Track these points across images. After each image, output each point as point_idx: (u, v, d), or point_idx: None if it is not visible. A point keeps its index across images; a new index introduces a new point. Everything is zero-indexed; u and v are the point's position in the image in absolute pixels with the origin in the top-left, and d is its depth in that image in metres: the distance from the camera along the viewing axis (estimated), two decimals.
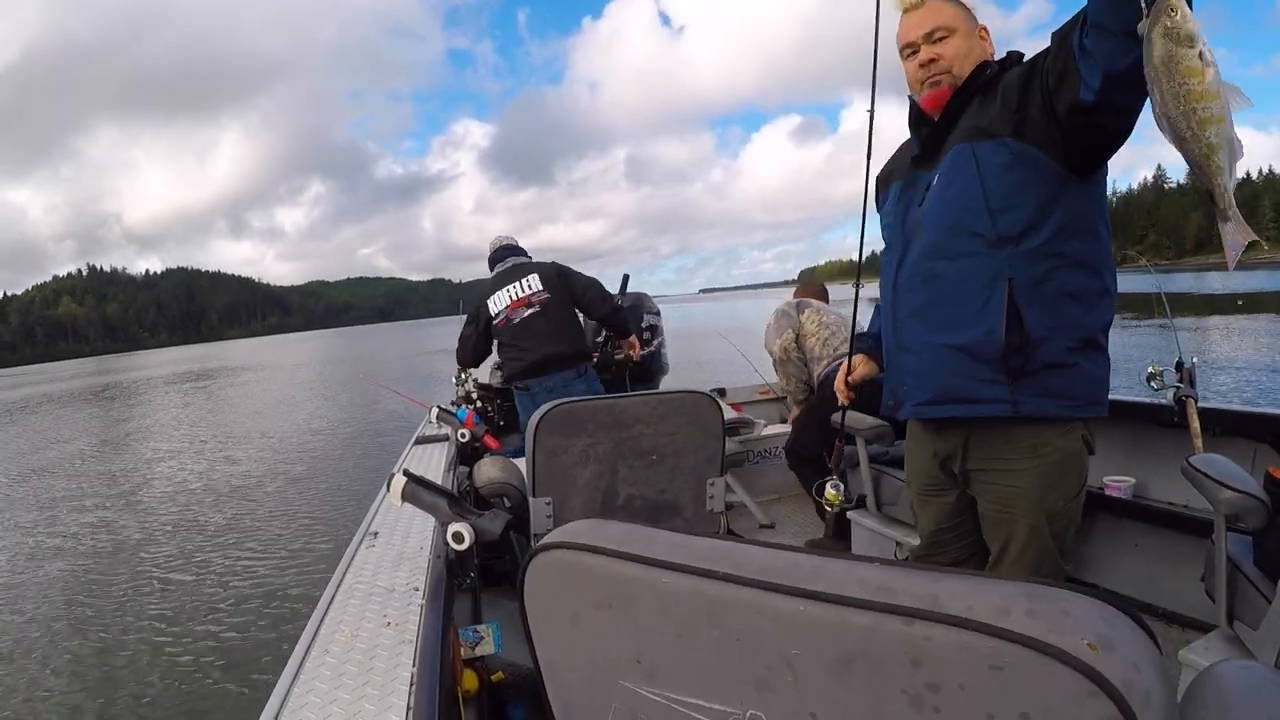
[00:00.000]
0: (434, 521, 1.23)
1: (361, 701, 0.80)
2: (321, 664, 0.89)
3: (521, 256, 3.41)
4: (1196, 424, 2.10)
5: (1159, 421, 2.26)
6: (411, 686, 0.83)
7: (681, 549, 0.50)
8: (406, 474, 1.16)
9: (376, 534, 1.40)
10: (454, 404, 3.56)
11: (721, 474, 1.94)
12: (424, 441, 2.46)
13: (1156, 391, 2.19)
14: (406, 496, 1.15)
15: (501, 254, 3.41)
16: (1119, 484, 2.35)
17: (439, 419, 2.42)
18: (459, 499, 1.17)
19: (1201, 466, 1.52)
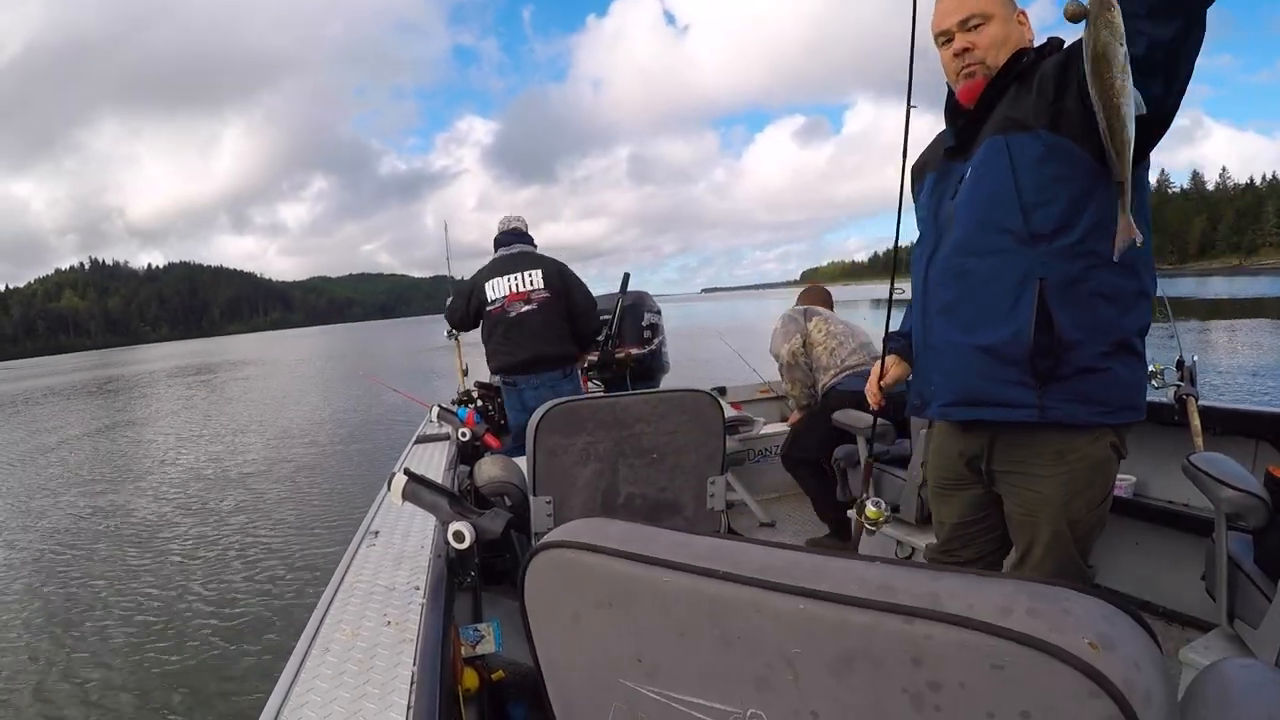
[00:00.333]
0: (434, 520, 1.23)
1: (362, 700, 0.80)
2: (322, 663, 0.89)
3: (528, 245, 3.38)
4: (1197, 422, 2.10)
5: (1159, 420, 2.26)
6: (412, 685, 0.83)
7: (682, 548, 0.50)
8: (407, 473, 1.17)
9: (377, 533, 1.40)
10: (454, 403, 3.57)
11: (722, 472, 1.94)
12: (424, 440, 2.46)
13: (1157, 390, 2.18)
14: (407, 495, 1.15)
15: (508, 238, 3.37)
16: (1119, 482, 2.35)
17: (440, 418, 2.43)
18: (459, 498, 1.17)
19: (1202, 465, 1.52)
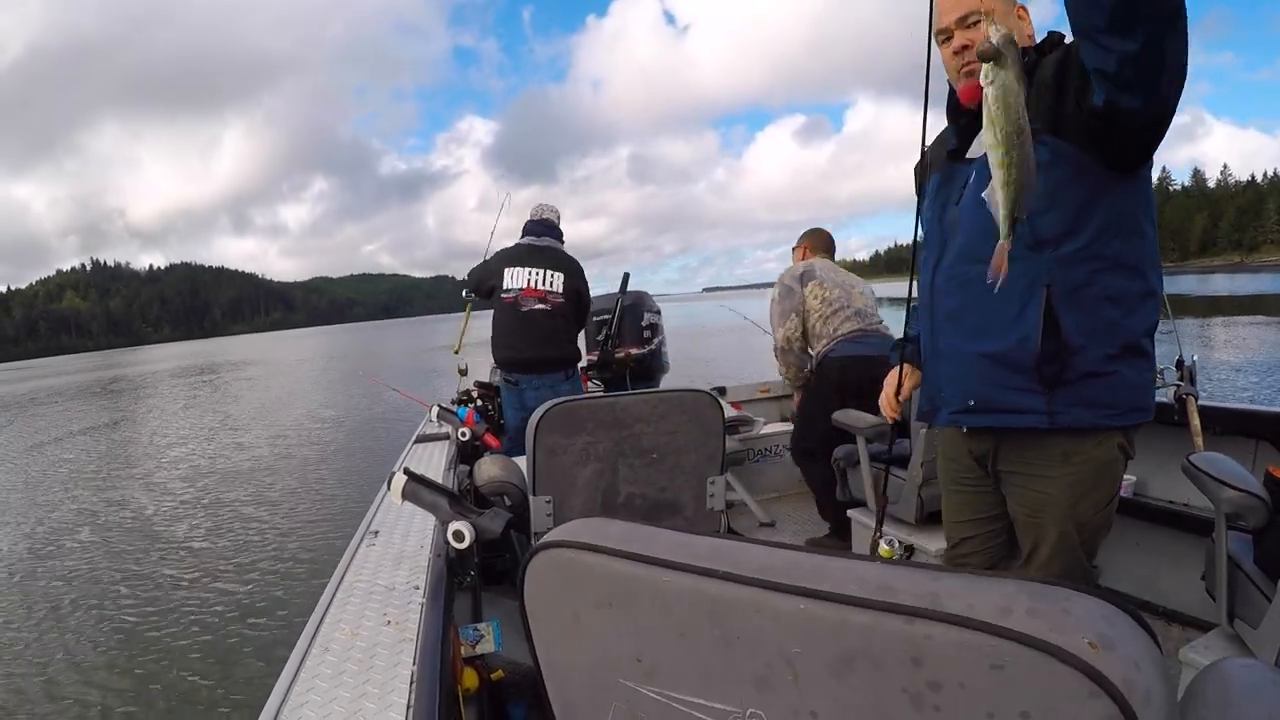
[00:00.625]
0: (434, 520, 1.23)
1: (362, 700, 0.80)
2: (322, 662, 0.89)
3: (556, 241, 3.38)
4: (1197, 422, 2.10)
5: (1159, 419, 2.25)
6: (412, 685, 0.83)
7: (682, 548, 0.50)
8: (407, 472, 1.16)
9: (377, 532, 1.40)
10: (454, 402, 3.57)
11: (722, 472, 1.94)
12: (424, 440, 2.46)
13: (1157, 390, 2.18)
14: (407, 495, 1.15)
15: (538, 228, 3.36)
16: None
17: (439, 417, 2.43)
18: (459, 497, 1.17)
19: (1202, 465, 1.52)
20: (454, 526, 1.11)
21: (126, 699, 3.16)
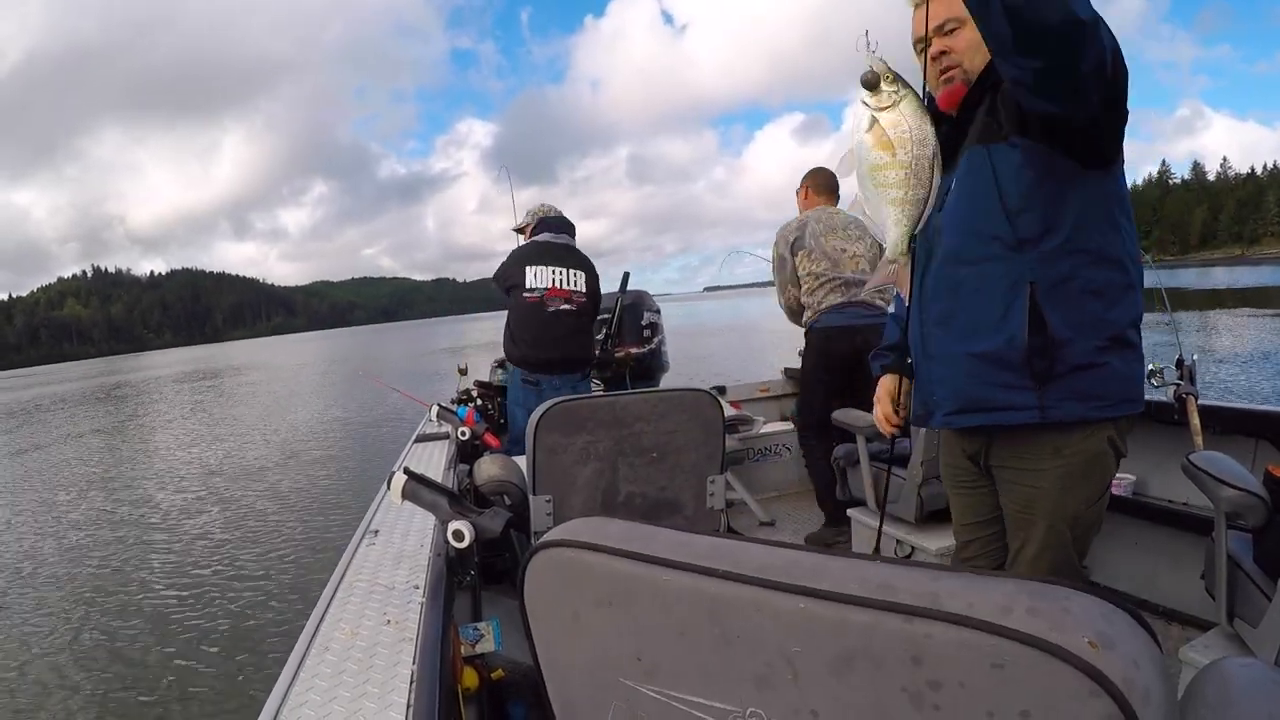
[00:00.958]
0: (434, 519, 1.23)
1: (362, 699, 0.80)
2: (322, 662, 0.89)
3: (572, 240, 3.37)
4: (1196, 421, 2.10)
5: (1159, 419, 2.26)
6: (412, 684, 0.83)
7: (682, 547, 0.50)
8: (407, 472, 1.17)
9: (377, 532, 1.40)
10: (454, 402, 3.57)
11: (722, 471, 1.94)
12: (424, 439, 2.46)
13: (1156, 389, 2.18)
14: (407, 494, 1.15)
15: (556, 225, 3.32)
16: (1119, 481, 2.35)
17: (439, 417, 2.42)
18: (459, 497, 1.17)
19: (1202, 464, 1.52)
20: (454, 526, 1.11)
21: (126, 698, 3.16)
